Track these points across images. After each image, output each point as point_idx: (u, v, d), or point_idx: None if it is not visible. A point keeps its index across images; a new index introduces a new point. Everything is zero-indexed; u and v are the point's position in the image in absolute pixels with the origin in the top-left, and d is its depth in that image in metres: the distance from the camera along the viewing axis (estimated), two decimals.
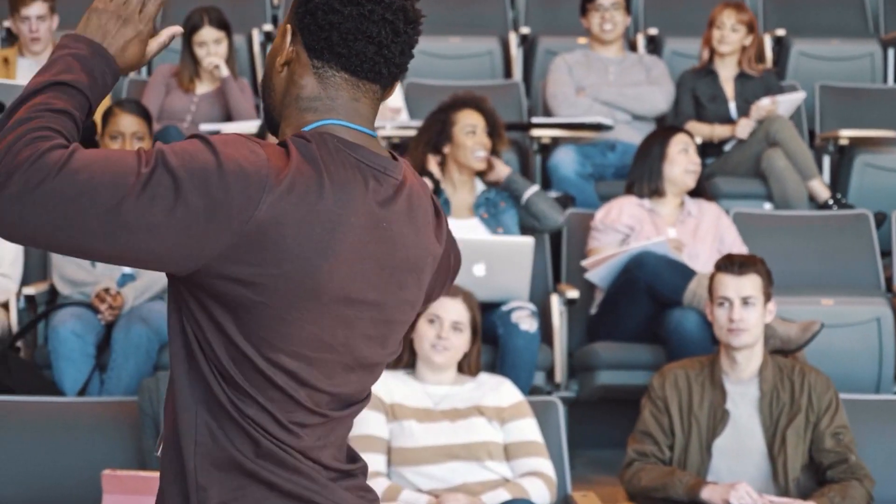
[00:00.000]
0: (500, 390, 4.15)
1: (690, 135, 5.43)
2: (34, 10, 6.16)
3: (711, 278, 4.26)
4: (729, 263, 4.22)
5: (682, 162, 5.24)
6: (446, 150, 5.19)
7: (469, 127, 5.17)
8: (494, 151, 5.25)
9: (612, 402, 5.10)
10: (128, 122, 5.15)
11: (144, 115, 5.23)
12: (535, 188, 5.28)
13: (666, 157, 5.25)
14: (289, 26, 1.90)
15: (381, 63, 1.88)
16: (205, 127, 6.07)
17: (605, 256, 5.01)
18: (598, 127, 6.06)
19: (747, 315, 4.14)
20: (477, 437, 4.03)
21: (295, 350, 1.82)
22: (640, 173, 5.30)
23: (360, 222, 1.82)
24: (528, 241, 4.83)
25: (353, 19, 1.85)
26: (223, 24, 6.20)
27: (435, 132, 5.21)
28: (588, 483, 4.64)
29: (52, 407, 4.39)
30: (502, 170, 5.29)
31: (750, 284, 4.17)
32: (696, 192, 5.38)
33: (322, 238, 1.78)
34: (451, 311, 4.17)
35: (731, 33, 6.32)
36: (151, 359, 4.68)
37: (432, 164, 5.20)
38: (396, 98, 6.29)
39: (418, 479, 4.00)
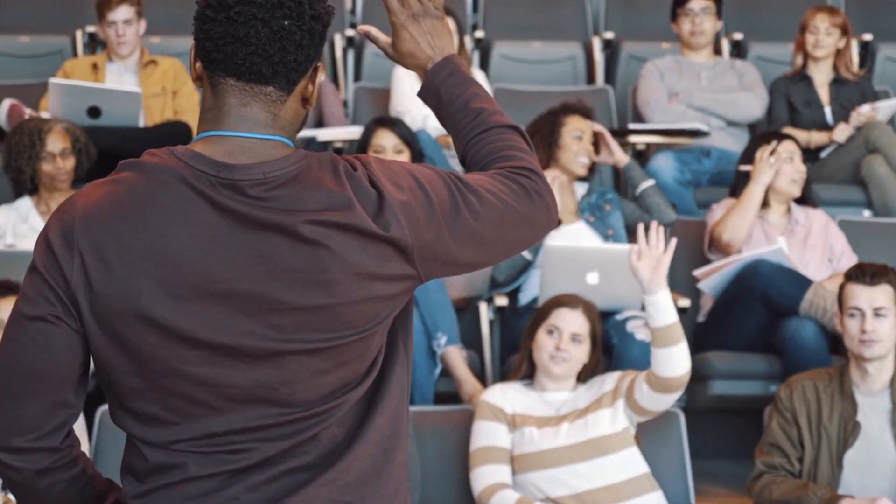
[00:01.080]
0: (608, 378, 4.15)
1: (796, 141, 5.35)
2: (121, 14, 6.13)
3: (841, 288, 4.19)
4: (860, 273, 4.15)
5: (786, 171, 5.17)
6: (554, 151, 5.17)
7: (577, 132, 5.17)
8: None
9: (723, 412, 5.03)
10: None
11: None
12: (651, 181, 5.32)
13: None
14: (193, 41, 1.90)
15: (259, 63, 1.82)
16: (300, 133, 6.03)
17: (718, 265, 4.94)
18: (695, 133, 5.99)
19: (879, 326, 4.08)
20: (597, 432, 3.99)
21: None
22: (743, 182, 5.23)
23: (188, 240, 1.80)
24: None
25: (222, 23, 1.82)
26: None
27: (544, 134, 5.18)
28: (709, 496, 4.58)
29: None
30: (621, 157, 5.37)
31: (882, 295, 4.11)
32: (801, 200, 5.31)
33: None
34: (571, 322, 4.13)
35: (825, 37, 6.24)
36: None
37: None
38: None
39: (542, 484, 3.98)
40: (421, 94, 2.11)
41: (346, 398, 1.86)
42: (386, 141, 5.17)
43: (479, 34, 7.30)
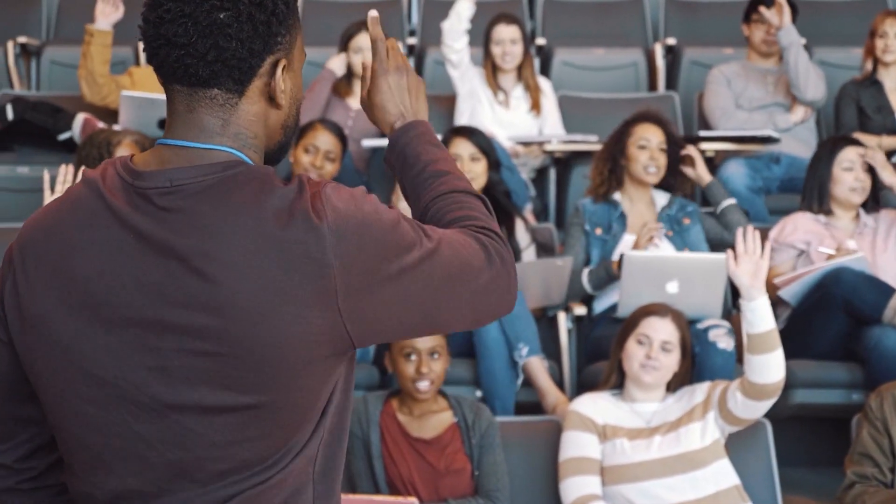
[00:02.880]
0: (698, 389, 4.13)
1: (863, 146, 5.28)
2: None
3: None
4: None
5: (847, 180, 5.11)
6: (623, 162, 5.14)
7: (643, 140, 5.13)
8: (675, 168, 5.19)
9: (804, 420, 5.00)
10: (325, 140, 5.24)
11: (341, 137, 5.36)
12: (732, 200, 5.30)
13: (832, 176, 5.13)
14: None
15: (193, 65, 1.65)
16: (366, 143, 6.04)
17: (799, 273, 4.90)
18: (766, 140, 5.96)
19: None
20: (689, 447, 3.97)
21: None
22: (810, 190, 5.19)
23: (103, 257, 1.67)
24: (722, 257, 4.73)
25: (154, 24, 1.66)
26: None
27: (612, 144, 5.17)
28: None
29: None
30: (705, 175, 5.33)
31: None
32: (871, 204, 5.26)
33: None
34: (661, 330, 4.11)
35: (894, 41, 6.19)
36: None
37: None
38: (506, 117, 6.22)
39: (633, 496, 3.96)
40: (386, 155, 1.94)
41: (249, 484, 1.67)
42: (462, 150, 5.15)
43: (541, 41, 7.30)
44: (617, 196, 5.17)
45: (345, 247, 1.62)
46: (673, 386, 4.16)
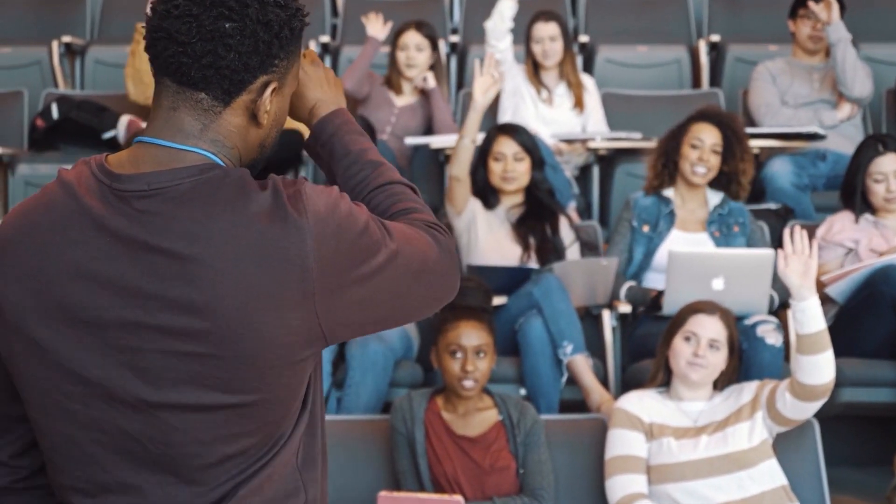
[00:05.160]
0: (746, 388, 4.10)
1: None
2: None
3: None
4: None
5: (879, 191, 5.05)
6: (676, 159, 5.11)
7: (696, 140, 5.08)
8: (734, 169, 5.12)
9: (851, 419, 4.95)
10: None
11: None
12: None
13: (867, 187, 5.07)
14: None
15: (187, 64, 1.66)
16: (408, 140, 6.03)
17: (847, 271, 4.85)
18: (812, 137, 5.91)
19: None
20: (736, 447, 3.94)
21: None
22: (849, 191, 5.13)
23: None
24: (769, 253, 4.70)
25: (160, 16, 1.67)
26: (428, 34, 6.17)
27: (669, 139, 5.14)
28: None
29: None
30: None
31: None
32: None
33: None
34: (709, 328, 4.08)
35: None
36: (388, 375, 4.62)
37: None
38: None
39: (679, 495, 3.93)
40: (308, 143, 1.94)
41: (238, 479, 1.69)
42: (507, 148, 5.13)
43: (584, 39, 7.27)
44: (669, 192, 5.14)
45: (324, 250, 1.65)
46: (720, 384, 4.13)
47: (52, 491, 1.79)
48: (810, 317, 3.92)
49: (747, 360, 4.56)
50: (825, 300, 4.98)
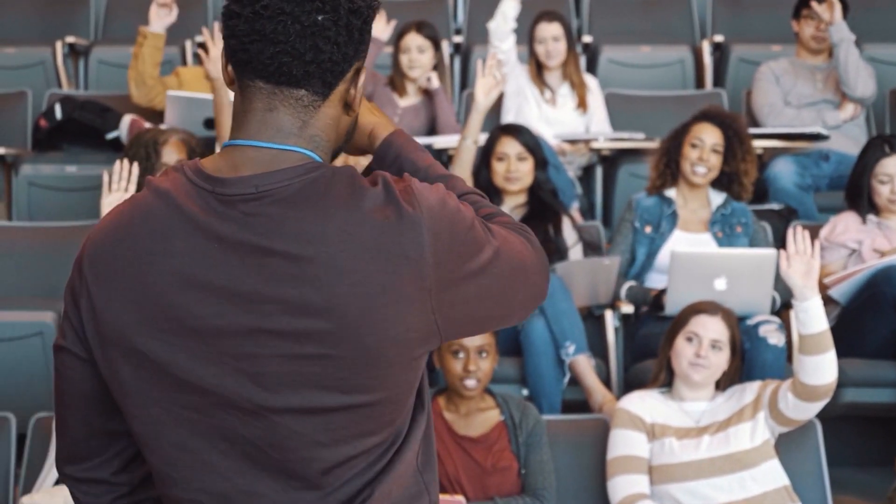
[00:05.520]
0: (748, 389, 4.10)
1: None
2: None
3: None
4: None
5: (884, 193, 5.05)
6: (677, 158, 5.11)
7: (696, 140, 5.08)
8: (735, 170, 5.11)
9: (853, 419, 4.95)
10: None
11: None
12: None
13: (871, 188, 5.08)
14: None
15: (288, 63, 1.64)
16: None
17: (849, 272, 4.86)
18: (815, 137, 5.91)
19: None
20: (738, 447, 3.94)
21: None
22: (855, 192, 5.13)
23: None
24: (771, 253, 4.70)
25: (248, 19, 1.64)
26: (429, 35, 6.17)
27: (671, 139, 5.14)
28: None
29: None
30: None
31: None
32: None
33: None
34: (711, 329, 4.08)
35: None
36: None
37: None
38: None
39: (680, 496, 3.94)
40: (374, 164, 1.91)
41: (362, 481, 1.68)
42: (510, 149, 5.13)
43: (587, 39, 7.27)
44: (672, 193, 5.14)
45: (438, 245, 1.63)
46: (722, 385, 4.14)
47: None
48: (812, 317, 3.92)
49: (749, 360, 4.56)
50: (827, 300, 4.98)
